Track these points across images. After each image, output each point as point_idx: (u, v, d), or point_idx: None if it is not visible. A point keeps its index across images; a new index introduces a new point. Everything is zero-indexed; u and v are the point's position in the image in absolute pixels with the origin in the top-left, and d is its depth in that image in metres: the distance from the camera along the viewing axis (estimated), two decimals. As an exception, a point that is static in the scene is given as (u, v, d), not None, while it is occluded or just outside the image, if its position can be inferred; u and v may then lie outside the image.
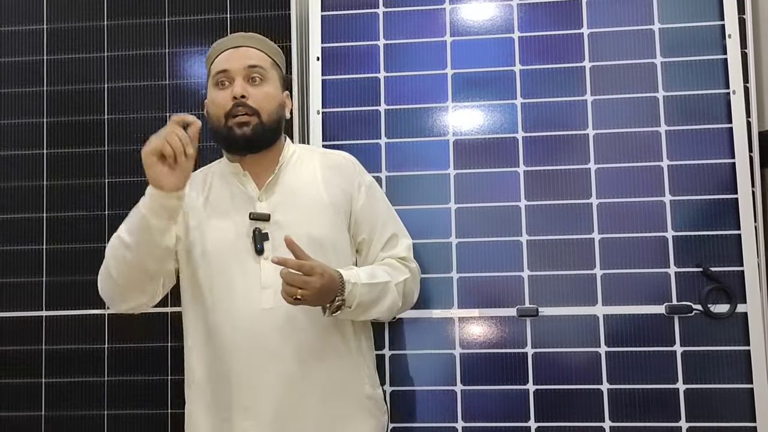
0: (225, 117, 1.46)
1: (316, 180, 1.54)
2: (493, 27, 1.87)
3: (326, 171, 1.56)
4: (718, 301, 1.74)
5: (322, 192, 1.52)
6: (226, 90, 1.48)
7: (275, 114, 1.50)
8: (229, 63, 1.49)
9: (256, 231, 1.45)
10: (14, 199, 1.95)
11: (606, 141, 1.81)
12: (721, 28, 1.80)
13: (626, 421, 1.73)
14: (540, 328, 1.77)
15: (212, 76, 1.51)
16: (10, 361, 1.90)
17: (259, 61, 1.51)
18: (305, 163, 1.57)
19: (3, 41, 1.99)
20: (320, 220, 1.50)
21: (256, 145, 1.49)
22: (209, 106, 1.51)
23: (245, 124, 1.46)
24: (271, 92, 1.50)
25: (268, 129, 1.49)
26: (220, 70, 1.49)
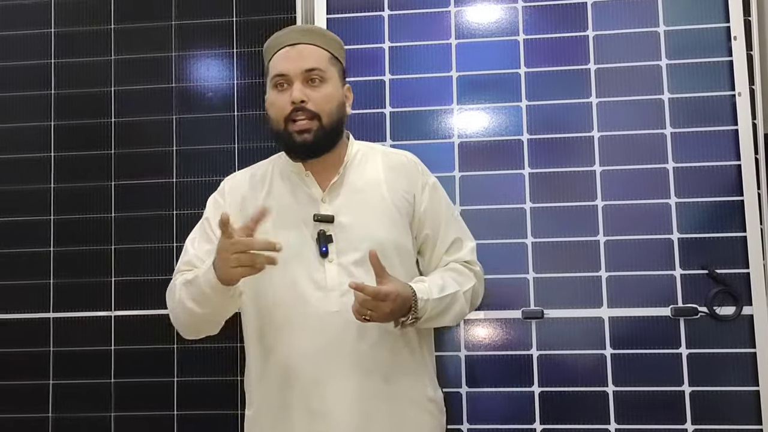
0: (285, 121, 1.43)
1: (379, 181, 1.50)
2: (498, 29, 1.88)
3: (389, 171, 1.52)
4: (723, 304, 1.73)
5: (386, 193, 1.49)
6: (284, 93, 1.43)
7: (336, 114, 1.45)
8: (287, 65, 1.43)
9: (320, 233, 1.43)
10: (22, 202, 1.96)
11: (611, 143, 1.81)
12: (727, 30, 1.80)
13: (632, 424, 1.72)
14: (545, 330, 1.77)
15: (271, 77, 1.46)
16: (18, 363, 1.91)
17: (317, 62, 1.45)
18: (368, 162, 1.53)
19: (11, 45, 2.01)
20: (384, 222, 1.46)
21: (318, 150, 1.45)
22: (269, 108, 1.47)
23: (306, 131, 1.42)
24: (330, 92, 1.45)
25: (330, 132, 1.45)
26: (278, 73, 1.44)
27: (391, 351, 1.42)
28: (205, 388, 1.85)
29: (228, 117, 1.93)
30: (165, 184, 1.92)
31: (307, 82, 1.44)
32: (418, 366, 1.47)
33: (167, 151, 1.93)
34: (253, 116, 1.92)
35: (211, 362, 1.85)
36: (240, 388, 1.84)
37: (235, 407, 1.84)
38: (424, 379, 1.48)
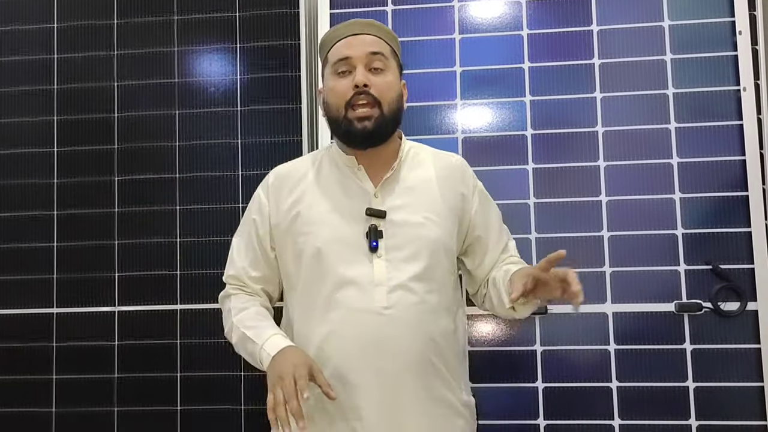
0: (345, 107, 1.41)
1: (431, 180, 1.49)
2: (502, 24, 1.87)
3: (441, 171, 1.50)
4: (728, 299, 1.73)
5: (437, 193, 1.48)
6: (346, 78, 1.42)
7: (395, 104, 1.44)
8: (351, 49, 1.42)
9: (371, 227, 1.41)
10: (25, 197, 1.96)
11: (615, 138, 1.80)
12: (732, 25, 1.79)
13: (635, 419, 1.72)
14: (549, 325, 1.77)
15: (331, 64, 1.45)
16: (22, 358, 1.92)
17: (380, 47, 1.44)
18: (420, 161, 1.52)
19: (14, 40, 2.01)
20: (435, 221, 1.45)
21: (378, 139, 1.44)
22: (328, 94, 1.45)
23: (366, 118, 1.40)
24: (392, 81, 1.44)
25: (390, 120, 1.44)
26: (341, 57, 1.42)
27: (434, 352, 1.40)
28: (209, 383, 1.85)
29: (231, 112, 1.92)
30: (168, 179, 1.92)
31: (369, 69, 1.43)
32: (456, 369, 1.45)
33: (170, 146, 1.93)
34: (255, 111, 1.92)
35: (214, 357, 1.85)
36: (243, 383, 1.84)
37: (238, 402, 1.84)
38: (460, 383, 1.46)
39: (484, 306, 1.55)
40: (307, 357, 1.32)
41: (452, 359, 1.44)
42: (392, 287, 1.37)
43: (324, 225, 1.42)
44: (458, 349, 1.47)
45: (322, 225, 1.42)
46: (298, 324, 1.44)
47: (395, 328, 1.37)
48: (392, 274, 1.38)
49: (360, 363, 1.37)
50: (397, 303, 1.36)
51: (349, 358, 1.37)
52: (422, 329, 1.38)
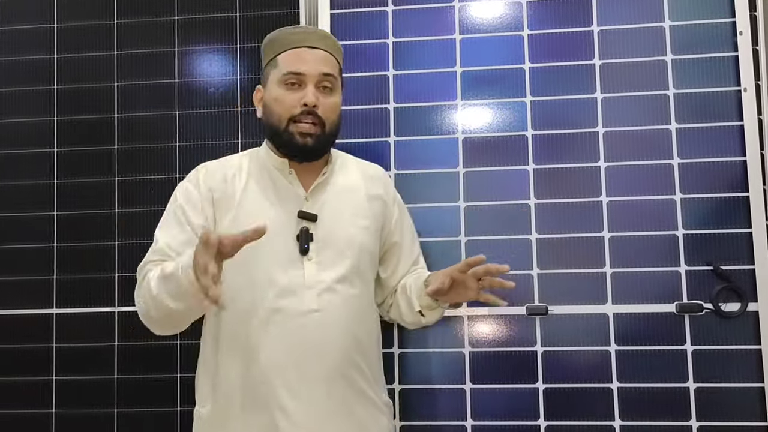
0: (288, 120, 1.44)
1: (358, 187, 1.54)
2: (503, 25, 1.87)
3: (366, 179, 1.57)
4: (728, 300, 1.73)
5: (364, 199, 1.54)
6: (295, 93, 1.44)
7: (336, 125, 1.50)
8: (305, 66, 1.44)
9: (303, 230, 1.43)
10: (24, 197, 1.95)
11: (616, 139, 1.80)
12: (732, 25, 1.79)
13: (636, 420, 1.72)
14: (549, 326, 1.77)
15: (282, 73, 1.45)
16: (21, 359, 1.91)
17: (332, 69, 1.48)
18: (347, 168, 1.57)
19: (13, 40, 2.00)
20: (363, 226, 1.51)
21: (314, 156, 1.48)
22: (272, 103, 1.46)
23: (309, 135, 1.43)
24: (338, 102, 1.49)
25: (329, 140, 1.49)
26: (294, 71, 1.44)
27: (359, 353, 1.45)
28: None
29: (230, 113, 1.92)
30: (167, 179, 1.92)
31: (318, 87, 1.45)
32: (377, 370, 1.53)
33: (170, 146, 1.93)
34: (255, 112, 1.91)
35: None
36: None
37: (238, 403, 1.83)
38: (381, 383, 1.54)
39: (389, 315, 1.64)
40: None
41: (374, 360, 1.51)
42: (322, 290, 1.41)
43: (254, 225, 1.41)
44: (378, 350, 1.54)
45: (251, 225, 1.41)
46: (229, 325, 1.44)
47: (325, 329, 1.41)
48: (321, 277, 1.42)
49: (291, 365, 1.39)
50: (326, 305, 1.41)
51: (280, 360, 1.39)
52: (349, 330, 1.43)
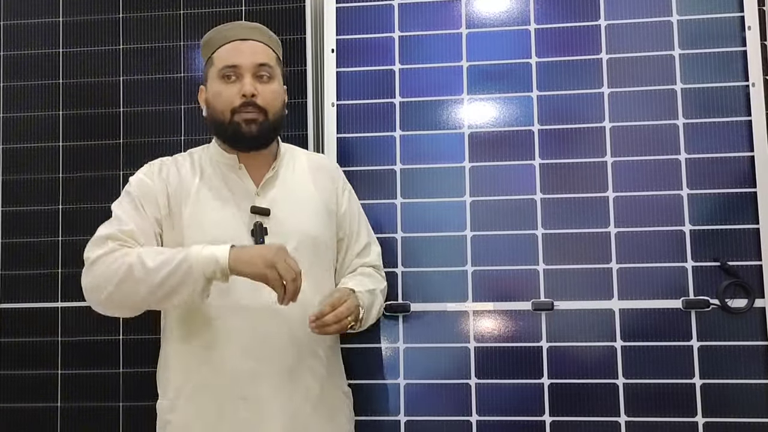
0: (231, 112, 1.46)
1: (307, 179, 1.57)
2: (509, 19, 1.86)
3: (315, 172, 1.60)
4: (735, 296, 1.72)
5: (314, 191, 1.57)
6: (233, 85, 1.47)
7: (280, 112, 1.52)
8: (239, 58, 1.47)
9: (257, 225, 1.45)
10: (30, 192, 1.96)
11: (623, 134, 1.79)
12: (741, 20, 1.78)
13: (642, 416, 1.71)
14: (555, 322, 1.76)
15: (218, 68, 1.48)
16: (26, 352, 1.91)
17: (267, 58, 1.50)
18: (296, 161, 1.59)
19: (19, 34, 2.00)
20: (315, 218, 1.54)
21: (262, 142, 1.50)
22: (213, 98, 1.49)
23: (253, 121, 1.46)
24: (277, 90, 1.52)
25: (274, 127, 1.51)
26: (230, 64, 1.47)
27: (319, 344, 1.50)
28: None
29: (236, 107, 1.92)
30: (173, 174, 1.91)
31: (256, 77, 1.47)
32: (337, 361, 1.59)
33: (176, 140, 1.93)
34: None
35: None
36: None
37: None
38: (341, 373, 1.61)
39: None
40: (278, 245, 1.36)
41: (332, 350, 1.56)
42: None
43: (210, 223, 1.45)
44: (336, 341, 1.60)
45: (208, 223, 1.45)
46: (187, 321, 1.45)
47: (285, 322, 1.44)
48: None
49: (255, 358, 1.42)
50: None
51: (244, 354, 1.42)
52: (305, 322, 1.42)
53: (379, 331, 1.80)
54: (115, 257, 1.37)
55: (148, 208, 1.47)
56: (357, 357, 1.79)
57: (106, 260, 1.37)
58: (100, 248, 1.39)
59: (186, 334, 1.47)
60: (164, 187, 1.49)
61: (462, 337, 1.78)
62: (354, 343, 1.79)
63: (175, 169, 1.53)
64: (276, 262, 1.30)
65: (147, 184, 1.49)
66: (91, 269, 1.39)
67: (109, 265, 1.36)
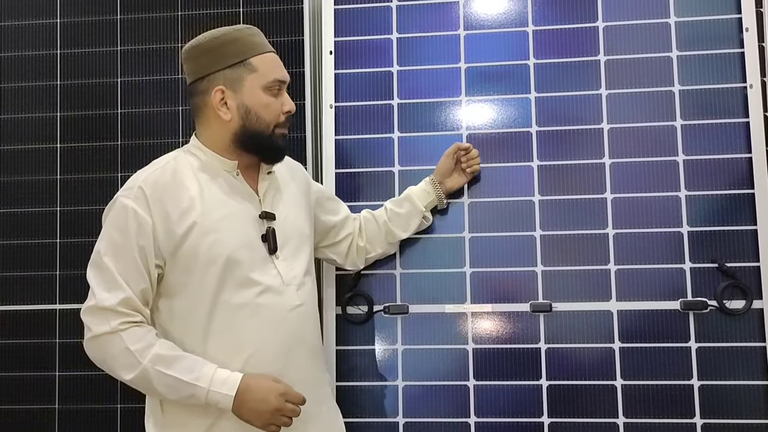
0: (274, 126, 1.47)
1: (288, 180, 1.60)
2: (507, 20, 1.86)
3: (292, 172, 1.63)
4: (733, 297, 1.72)
5: (296, 191, 1.60)
6: (278, 99, 1.48)
7: None
8: (284, 73, 1.50)
9: (269, 230, 1.46)
10: (28, 193, 1.95)
11: (621, 135, 1.79)
12: (738, 22, 1.78)
13: (640, 417, 1.72)
14: (553, 323, 1.76)
15: (268, 80, 1.45)
16: (25, 354, 1.91)
17: None
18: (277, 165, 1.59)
19: (17, 35, 2.00)
20: (304, 216, 1.59)
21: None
22: (261, 109, 1.44)
23: (286, 137, 1.51)
24: None
25: None
26: (282, 79, 1.48)
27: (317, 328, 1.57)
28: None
29: (234, 108, 1.92)
30: (171, 175, 1.91)
31: None
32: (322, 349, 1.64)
33: (173, 142, 1.92)
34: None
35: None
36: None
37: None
38: None
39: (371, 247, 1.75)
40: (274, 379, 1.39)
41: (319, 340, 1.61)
42: (297, 285, 1.48)
43: (227, 231, 1.41)
44: None
45: (225, 232, 1.41)
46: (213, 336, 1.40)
47: (308, 321, 1.50)
48: (293, 273, 1.48)
49: (290, 360, 1.45)
50: (304, 298, 1.49)
51: (282, 358, 1.44)
52: (317, 317, 1.56)
53: (378, 333, 1.80)
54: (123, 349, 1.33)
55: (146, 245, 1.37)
56: (355, 358, 1.79)
57: (112, 343, 1.34)
58: (102, 323, 1.34)
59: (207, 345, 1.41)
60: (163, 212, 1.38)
61: (460, 339, 1.78)
62: (352, 345, 1.79)
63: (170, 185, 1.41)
64: (280, 408, 1.36)
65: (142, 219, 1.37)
66: (97, 345, 1.35)
67: (118, 357, 1.33)
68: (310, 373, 1.50)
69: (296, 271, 1.49)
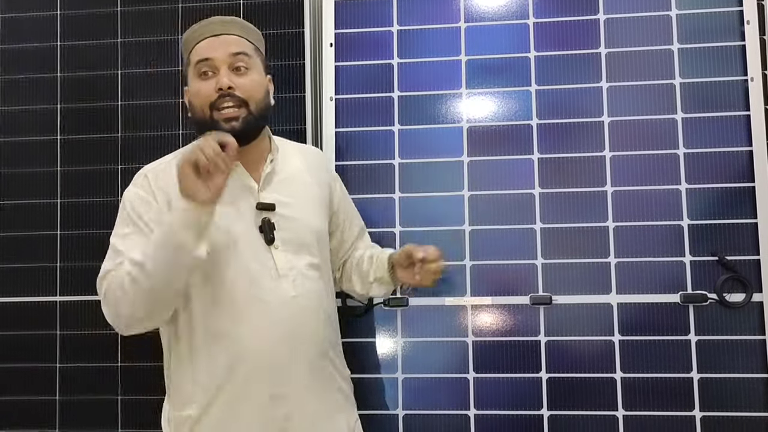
0: (210, 109, 1.41)
1: (302, 171, 1.55)
2: (508, 13, 1.86)
3: (309, 163, 1.58)
4: (733, 290, 1.72)
5: (312, 183, 1.55)
6: (209, 80, 1.41)
7: (263, 102, 1.46)
8: (212, 51, 1.42)
9: (265, 221, 1.43)
10: (28, 185, 1.95)
11: (621, 128, 1.79)
12: (740, 14, 1.78)
13: (639, 410, 1.72)
14: (553, 316, 1.76)
15: (193, 65, 1.44)
16: (25, 346, 1.92)
17: (242, 47, 1.45)
18: (289, 154, 1.56)
19: (17, 27, 2.00)
20: (315, 210, 1.53)
21: (247, 137, 1.44)
22: (192, 97, 1.44)
23: (234, 118, 1.40)
24: (257, 79, 1.46)
25: (258, 118, 1.45)
26: (202, 58, 1.42)
27: (329, 334, 1.51)
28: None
29: (235, 101, 1.92)
30: (172, 167, 1.91)
31: (233, 69, 1.43)
32: (340, 350, 1.57)
33: (173, 134, 1.92)
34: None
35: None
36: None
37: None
38: (343, 357, 1.59)
39: (340, 286, 1.69)
40: None
41: (338, 340, 1.56)
42: (295, 276, 1.43)
43: (218, 223, 1.38)
44: (338, 331, 1.58)
45: (216, 223, 1.37)
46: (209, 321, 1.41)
47: (304, 314, 1.44)
48: (292, 264, 1.44)
49: (277, 352, 1.40)
50: (301, 290, 1.43)
51: (271, 348, 1.40)
52: (322, 311, 1.48)
53: (378, 326, 1.80)
54: (113, 278, 1.37)
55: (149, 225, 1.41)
56: (355, 351, 1.79)
57: (110, 286, 1.37)
58: (104, 282, 1.40)
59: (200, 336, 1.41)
60: (164, 196, 1.42)
61: (460, 332, 1.78)
62: (352, 337, 1.79)
63: (170, 173, 1.42)
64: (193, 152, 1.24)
65: (145, 199, 1.43)
66: (105, 302, 1.40)
67: (114, 290, 1.35)
68: (314, 373, 1.44)
69: (296, 263, 1.44)
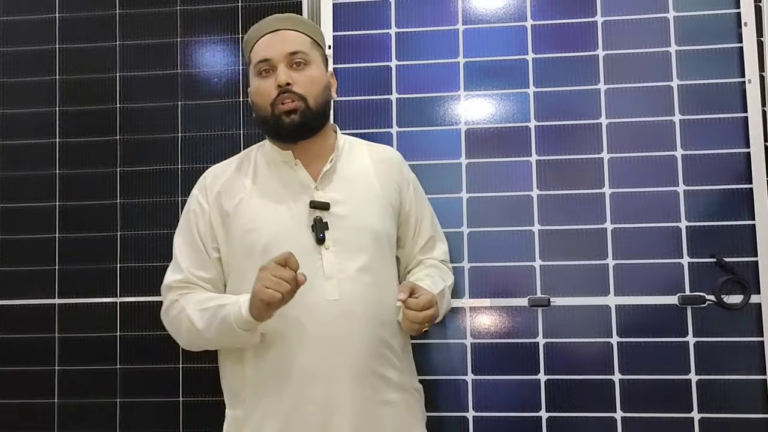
0: (271, 106, 1.44)
1: (369, 171, 1.53)
2: (506, 15, 1.86)
3: (378, 164, 1.56)
4: (731, 292, 1.72)
5: (376, 184, 1.52)
6: (269, 78, 1.45)
7: (322, 97, 1.48)
8: (270, 50, 1.46)
9: (317, 220, 1.42)
10: (27, 188, 1.95)
11: (619, 130, 1.79)
12: (737, 16, 1.78)
13: (638, 412, 1.72)
14: (552, 318, 1.76)
15: (254, 65, 1.49)
16: (23, 349, 1.92)
17: (299, 45, 1.47)
18: (356, 153, 1.55)
19: (15, 30, 2.00)
20: (377, 212, 1.49)
21: (307, 130, 1.47)
22: (254, 95, 1.49)
23: (293, 111, 1.43)
24: (315, 75, 1.48)
25: (317, 113, 1.47)
26: (261, 59, 1.46)
27: (382, 341, 1.43)
28: (210, 374, 1.84)
29: (233, 103, 1.92)
30: (170, 170, 1.91)
31: (291, 66, 1.46)
32: (402, 357, 1.50)
33: (172, 137, 1.92)
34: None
35: (216, 349, 1.85)
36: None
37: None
38: (410, 370, 1.54)
39: None
40: None
41: (398, 347, 1.48)
42: (342, 279, 1.39)
43: (269, 220, 1.42)
44: (403, 337, 1.51)
45: (266, 221, 1.42)
46: None
47: (348, 319, 1.40)
48: (342, 266, 1.41)
49: (320, 356, 1.38)
50: (347, 294, 1.39)
51: (309, 352, 1.38)
52: (371, 320, 1.42)
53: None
54: (173, 317, 1.48)
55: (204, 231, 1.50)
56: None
57: (169, 314, 1.50)
58: (165, 300, 1.51)
59: None
60: (218, 200, 1.50)
61: (458, 333, 1.79)
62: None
63: (229, 177, 1.53)
64: (262, 279, 1.28)
65: (201, 205, 1.51)
66: (164, 320, 1.53)
67: (172, 323, 1.50)
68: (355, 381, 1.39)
69: (346, 265, 1.41)
